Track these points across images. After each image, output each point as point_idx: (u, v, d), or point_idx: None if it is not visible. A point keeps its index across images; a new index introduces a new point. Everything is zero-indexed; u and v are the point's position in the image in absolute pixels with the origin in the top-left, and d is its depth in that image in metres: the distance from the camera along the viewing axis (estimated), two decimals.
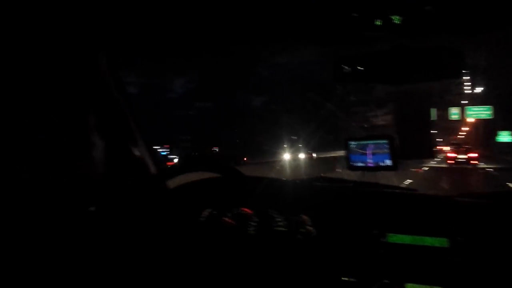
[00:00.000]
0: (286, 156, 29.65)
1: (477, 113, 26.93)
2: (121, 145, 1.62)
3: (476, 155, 22.03)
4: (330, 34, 1.18)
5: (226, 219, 1.55)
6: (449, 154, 23.77)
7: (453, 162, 22.19)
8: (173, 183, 1.68)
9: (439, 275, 1.28)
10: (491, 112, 26.82)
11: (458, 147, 25.09)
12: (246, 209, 1.55)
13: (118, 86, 1.63)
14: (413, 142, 1.28)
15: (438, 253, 1.29)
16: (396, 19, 1.09)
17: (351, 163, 1.51)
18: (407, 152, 1.31)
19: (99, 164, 1.51)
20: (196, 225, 1.59)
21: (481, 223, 1.32)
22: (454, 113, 28.34)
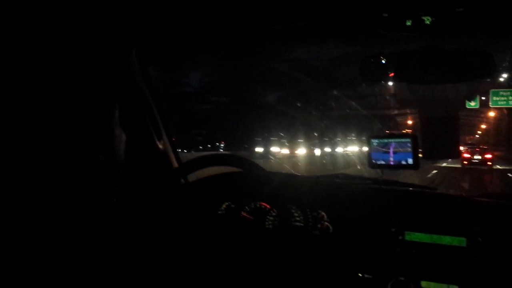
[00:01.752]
0: (301, 151, 29.47)
1: (506, 100, 18.41)
2: (147, 138, 1.66)
3: (491, 156, 21.65)
4: (360, 33, 1.19)
5: (244, 213, 1.58)
6: (464, 155, 23.40)
7: (467, 163, 21.87)
8: (194, 176, 1.71)
9: (455, 274, 1.28)
10: None
11: (474, 147, 24.66)
12: (264, 204, 1.58)
13: (147, 82, 1.66)
14: (439, 143, 1.28)
15: (455, 252, 1.30)
16: (427, 19, 1.09)
17: (372, 160, 1.51)
18: (432, 152, 1.31)
19: (123, 157, 1.54)
20: (215, 218, 1.62)
21: (501, 224, 1.32)
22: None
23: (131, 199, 1.56)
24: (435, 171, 18.26)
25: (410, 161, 1.39)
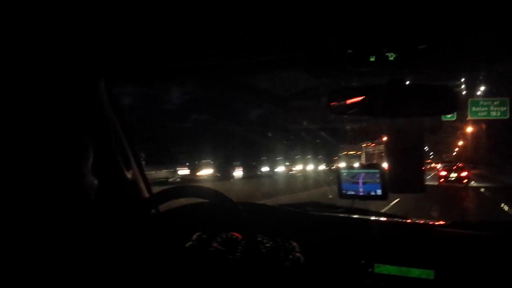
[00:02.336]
0: (206, 172, 26.32)
1: (486, 111, 17.26)
2: (115, 168, 1.62)
3: (466, 173, 22.16)
4: (324, 66, 1.20)
5: (215, 244, 1.56)
6: (440, 173, 23.87)
7: (443, 180, 22.30)
8: (164, 206, 1.69)
9: None
10: (507, 108, 16.86)
11: (451, 165, 25.18)
12: (236, 234, 1.56)
13: (116, 111, 1.64)
14: (404, 176, 1.29)
15: (424, 285, 1.29)
16: (390, 55, 1.11)
17: (342, 191, 1.52)
18: (397, 185, 1.31)
19: (90, 187, 1.50)
20: (185, 249, 1.59)
21: (469, 256, 1.32)
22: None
23: (98, 230, 1.52)
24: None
25: (379, 191, 1.40)
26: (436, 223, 1.67)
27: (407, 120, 1.24)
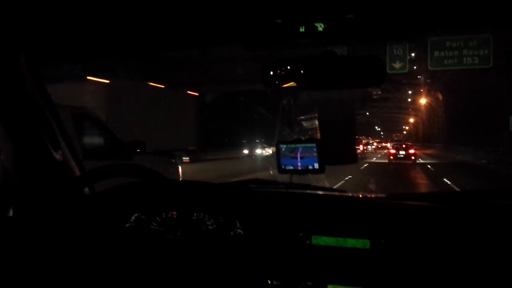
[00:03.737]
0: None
1: (457, 56, 11.28)
2: (40, 148, 1.53)
3: (414, 151, 23.33)
4: (255, 38, 1.17)
5: (155, 225, 1.52)
6: (390, 151, 24.99)
7: (393, 158, 23.42)
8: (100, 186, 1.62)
9: (360, 276, 1.31)
10: (489, 51, 10.89)
11: (400, 144, 26.34)
12: (175, 213, 1.53)
13: (39, 88, 1.54)
14: (336, 148, 1.30)
15: (360, 255, 1.33)
16: (319, 26, 1.10)
17: (282, 166, 1.51)
18: (330, 157, 1.33)
19: (12, 169, 1.42)
20: (124, 230, 1.54)
21: (403, 226, 1.36)
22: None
23: (27, 212, 1.45)
24: (366, 165, 19.52)
25: (316, 165, 1.41)
26: (376, 195, 1.72)
27: (338, 92, 1.24)
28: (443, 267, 1.25)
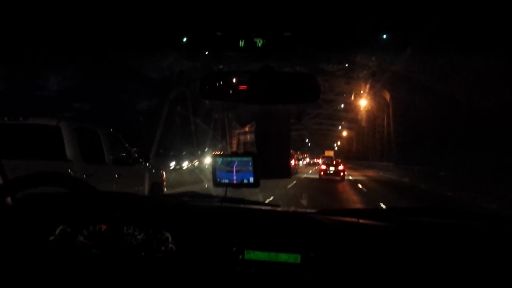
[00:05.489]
0: None
1: None
2: None
3: (342, 167, 24.29)
4: (193, 49, 1.16)
5: (81, 238, 1.43)
6: (321, 167, 25.84)
7: (323, 174, 24.24)
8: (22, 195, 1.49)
9: None
10: None
11: (330, 160, 27.33)
12: (104, 226, 1.45)
13: None
14: (271, 162, 1.31)
15: (291, 269, 1.34)
16: (258, 41, 1.12)
17: (217, 179, 1.50)
18: (265, 171, 1.34)
19: None
20: (47, 243, 1.43)
21: (332, 240, 1.40)
22: None
23: None
24: (294, 182, 20.07)
25: (251, 179, 1.41)
26: (307, 210, 1.76)
27: (274, 107, 1.27)
28: (370, 280, 1.30)
